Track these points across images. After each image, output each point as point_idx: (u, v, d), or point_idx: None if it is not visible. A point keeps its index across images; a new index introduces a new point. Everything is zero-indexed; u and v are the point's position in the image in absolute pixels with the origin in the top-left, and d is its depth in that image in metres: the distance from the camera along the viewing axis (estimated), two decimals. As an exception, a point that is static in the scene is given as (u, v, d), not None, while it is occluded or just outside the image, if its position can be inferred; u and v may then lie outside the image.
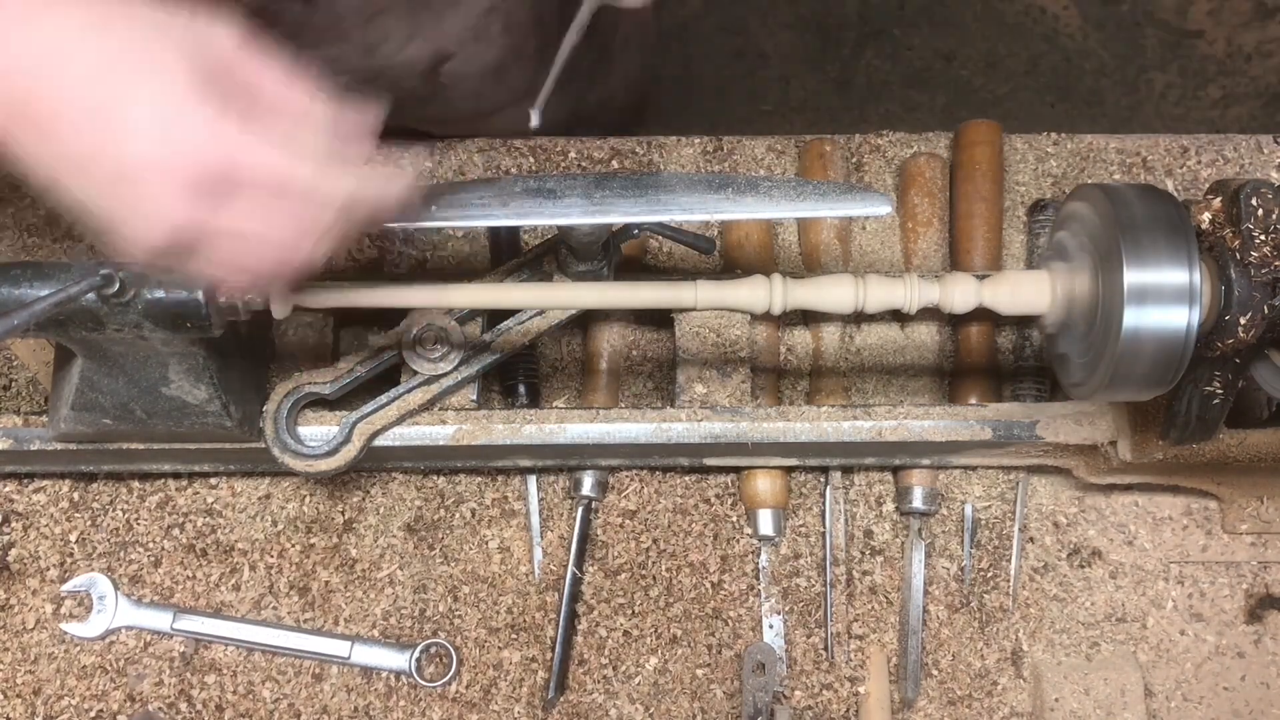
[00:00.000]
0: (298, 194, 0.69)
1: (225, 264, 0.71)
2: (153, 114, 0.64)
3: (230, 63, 0.67)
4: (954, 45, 2.54)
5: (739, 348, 1.07)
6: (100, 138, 0.65)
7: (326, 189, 0.70)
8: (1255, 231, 0.83)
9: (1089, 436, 1.03)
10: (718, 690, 1.08)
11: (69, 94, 0.64)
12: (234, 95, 0.66)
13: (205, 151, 0.66)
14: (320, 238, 0.71)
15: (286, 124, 0.68)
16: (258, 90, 0.68)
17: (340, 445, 1.01)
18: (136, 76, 0.64)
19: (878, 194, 0.93)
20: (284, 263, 0.71)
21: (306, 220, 0.70)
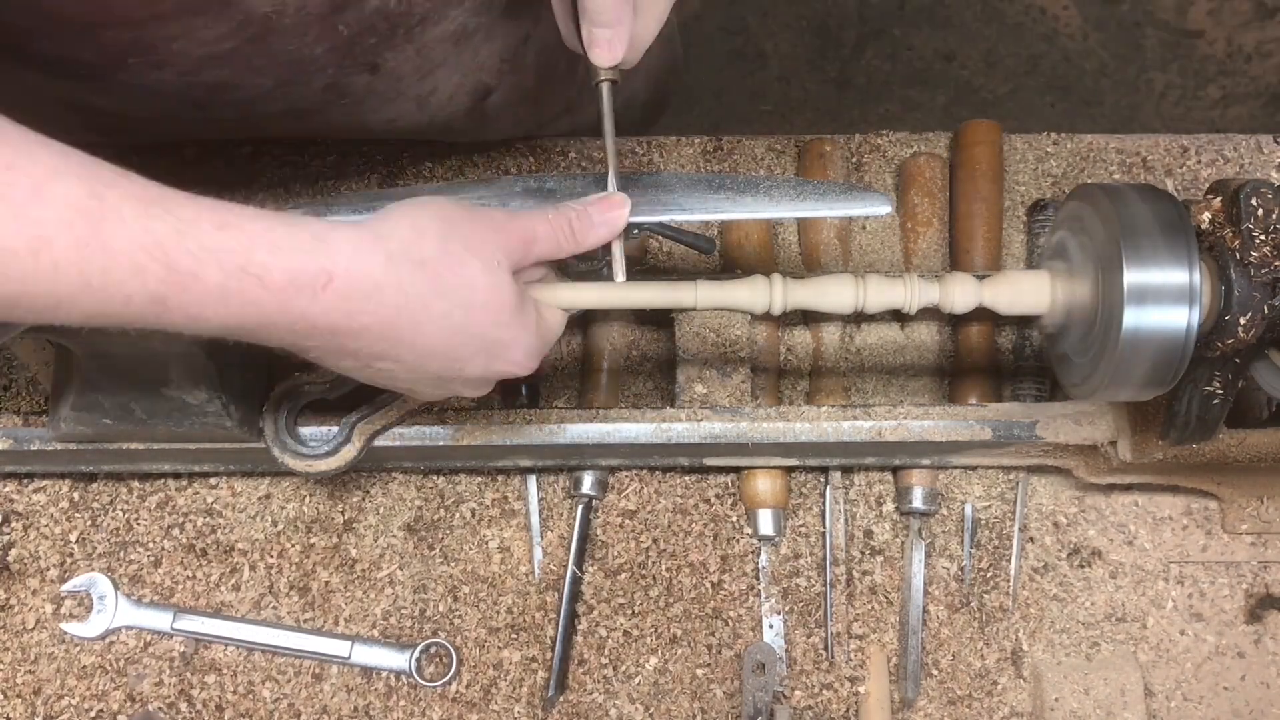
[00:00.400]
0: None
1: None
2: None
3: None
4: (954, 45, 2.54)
5: (739, 348, 1.07)
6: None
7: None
8: (1255, 231, 0.83)
9: (1089, 436, 1.03)
10: (718, 690, 1.08)
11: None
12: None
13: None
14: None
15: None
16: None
17: (340, 445, 1.00)
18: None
19: (878, 194, 0.93)
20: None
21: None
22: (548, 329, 0.85)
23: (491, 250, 0.78)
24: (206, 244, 0.68)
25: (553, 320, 0.86)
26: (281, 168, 1.20)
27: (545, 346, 0.85)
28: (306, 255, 0.70)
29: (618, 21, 0.83)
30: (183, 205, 0.69)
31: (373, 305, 0.73)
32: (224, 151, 1.20)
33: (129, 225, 0.66)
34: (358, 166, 1.20)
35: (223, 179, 1.19)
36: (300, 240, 0.71)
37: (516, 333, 0.81)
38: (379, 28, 0.90)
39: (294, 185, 1.20)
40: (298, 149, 1.19)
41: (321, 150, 1.20)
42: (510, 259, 0.80)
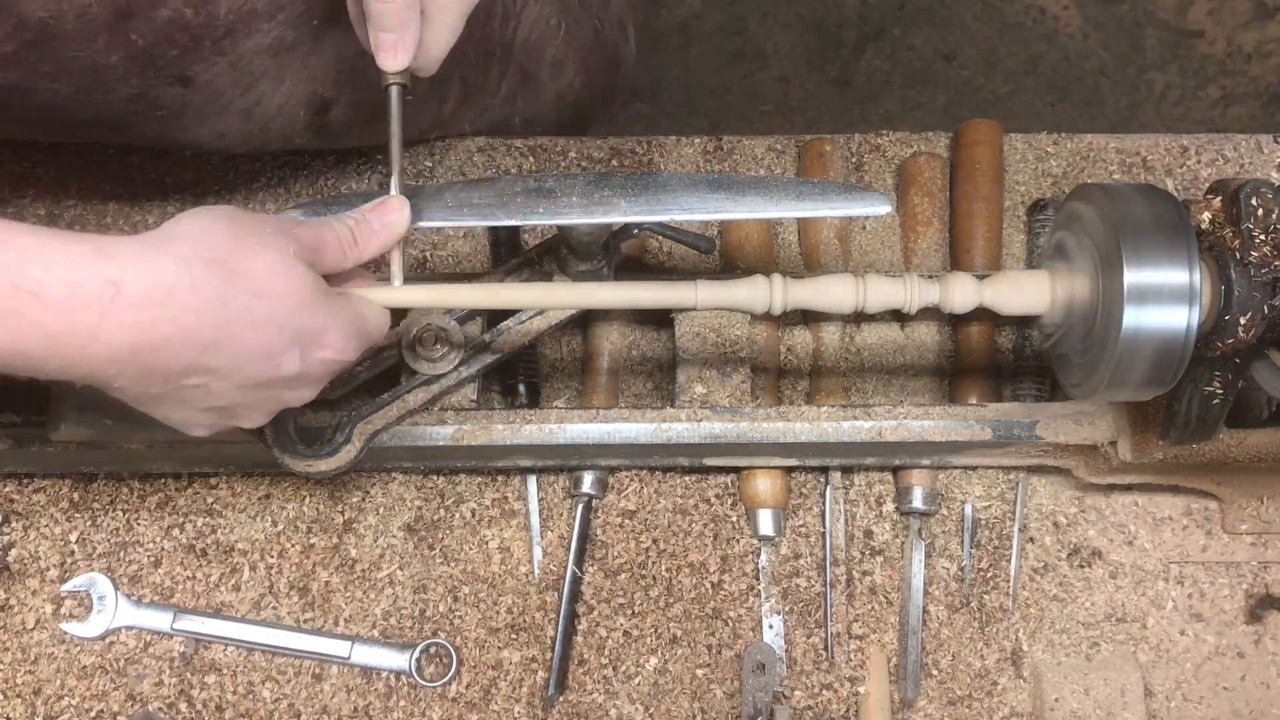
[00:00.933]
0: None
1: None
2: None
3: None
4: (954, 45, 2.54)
5: (739, 348, 1.07)
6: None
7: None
8: (1255, 231, 0.83)
9: (1089, 436, 1.03)
10: (718, 690, 1.08)
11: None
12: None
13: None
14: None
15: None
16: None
17: (340, 445, 1.00)
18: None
19: (878, 194, 0.93)
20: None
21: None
22: (365, 320, 0.84)
23: (283, 242, 0.77)
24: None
25: (372, 314, 0.85)
26: (281, 168, 1.20)
27: (365, 335, 0.84)
28: (87, 267, 0.67)
29: (401, 27, 0.82)
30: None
31: (170, 312, 0.70)
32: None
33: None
34: (357, 166, 1.20)
35: (221, 179, 1.19)
36: (79, 252, 0.68)
37: (327, 318, 0.79)
38: (178, 39, 0.89)
39: (294, 185, 1.20)
40: (298, 149, 1.19)
41: (322, 150, 1.20)
42: (302, 253, 0.78)
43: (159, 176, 1.19)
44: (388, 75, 0.85)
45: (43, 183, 1.19)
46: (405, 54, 0.83)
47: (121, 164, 1.19)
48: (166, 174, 1.19)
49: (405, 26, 0.82)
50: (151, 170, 1.19)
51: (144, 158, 1.20)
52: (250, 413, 0.83)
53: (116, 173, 1.19)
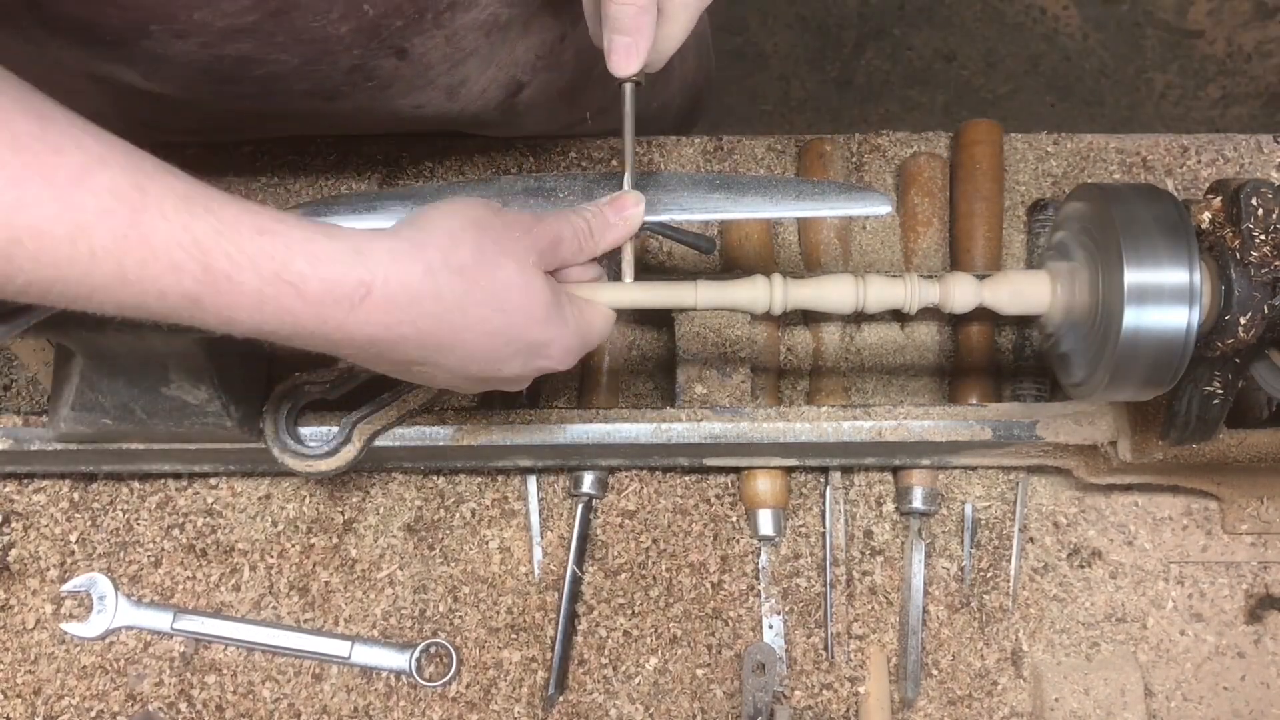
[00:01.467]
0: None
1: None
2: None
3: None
4: (954, 45, 2.54)
5: (739, 348, 1.07)
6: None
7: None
8: (1255, 231, 0.83)
9: (1089, 436, 1.03)
10: (718, 690, 1.08)
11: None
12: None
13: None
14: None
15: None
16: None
17: (340, 445, 1.00)
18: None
19: (878, 194, 0.93)
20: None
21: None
22: (589, 328, 0.86)
23: (524, 252, 0.79)
24: (245, 248, 0.67)
25: (596, 319, 0.87)
26: (281, 167, 1.20)
27: (586, 345, 0.86)
28: (345, 267, 0.71)
29: (637, 31, 0.83)
30: (225, 206, 0.68)
31: (411, 315, 0.73)
32: (223, 150, 1.20)
33: (169, 220, 0.66)
34: (357, 166, 1.20)
35: (222, 178, 1.19)
36: (339, 251, 0.71)
37: (554, 332, 0.81)
38: (405, 10, 0.90)
39: (294, 185, 1.20)
40: (297, 149, 1.20)
41: (321, 149, 1.20)
42: (541, 260, 0.81)
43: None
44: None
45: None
46: (639, 59, 0.84)
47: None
48: (166, 174, 1.19)
49: (641, 30, 0.83)
50: (151, 170, 1.19)
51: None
52: (463, 391, 0.87)
53: (116, 173, 1.19)
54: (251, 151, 1.20)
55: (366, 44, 0.92)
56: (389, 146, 1.20)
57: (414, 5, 0.90)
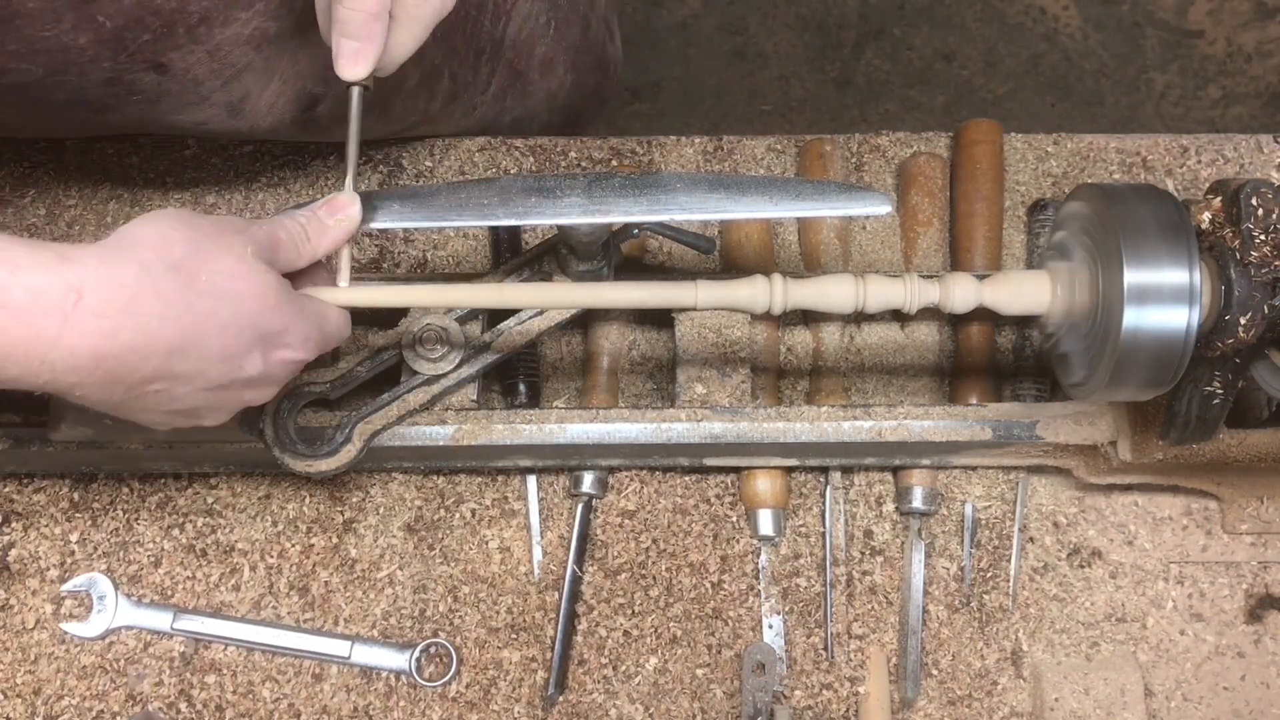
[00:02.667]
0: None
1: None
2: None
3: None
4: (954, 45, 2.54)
5: (739, 348, 1.07)
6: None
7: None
8: (1255, 231, 0.83)
9: (1089, 436, 1.03)
10: (718, 690, 1.08)
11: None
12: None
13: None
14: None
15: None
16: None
17: (340, 445, 1.00)
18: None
19: (878, 194, 0.93)
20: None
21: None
22: (326, 321, 0.84)
23: (240, 245, 0.77)
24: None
25: (333, 315, 0.86)
26: (282, 168, 1.20)
27: (326, 337, 0.84)
28: (50, 273, 0.67)
29: (366, 37, 0.82)
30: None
31: (133, 318, 0.70)
32: (223, 150, 1.20)
33: None
34: (358, 166, 1.19)
35: (222, 178, 1.19)
36: (42, 258, 0.67)
37: (287, 319, 0.79)
38: (149, 23, 0.88)
39: (294, 185, 1.20)
40: (297, 149, 1.20)
41: (321, 150, 1.20)
42: (260, 254, 0.79)
43: (159, 176, 1.19)
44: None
45: (43, 182, 1.19)
46: (366, 64, 0.84)
47: (121, 164, 1.19)
48: (167, 174, 1.20)
49: (370, 37, 0.83)
50: (151, 170, 1.20)
51: (144, 157, 1.20)
52: (213, 413, 0.83)
53: (116, 173, 1.19)
54: (252, 151, 1.20)
55: (115, 57, 0.90)
56: (389, 146, 1.20)
57: (158, 19, 0.88)
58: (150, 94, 0.96)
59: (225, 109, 1.02)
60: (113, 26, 0.87)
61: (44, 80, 0.91)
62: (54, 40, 0.86)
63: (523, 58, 1.23)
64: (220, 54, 0.95)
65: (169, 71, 0.94)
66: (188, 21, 0.90)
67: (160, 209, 0.78)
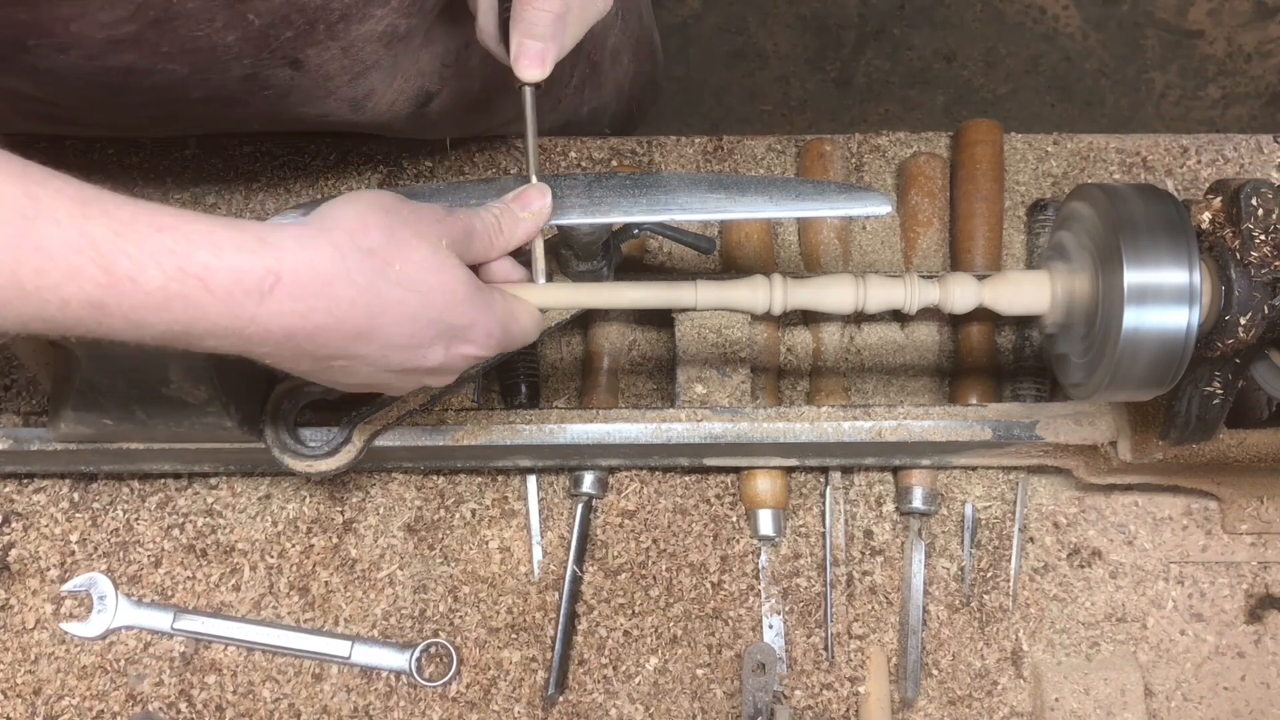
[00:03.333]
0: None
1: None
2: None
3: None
4: (954, 45, 2.54)
5: (739, 348, 1.07)
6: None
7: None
8: (1255, 231, 0.83)
9: (1089, 436, 1.03)
10: (718, 690, 1.08)
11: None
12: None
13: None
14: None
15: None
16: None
17: (340, 445, 1.00)
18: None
19: (878, 194, 0.93)
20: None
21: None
22: (513, 318, 0.85)
23: (436, 236, 0.78)
24: (145, 246, 0.66)
25: (521, 313, 0.86)
26: (281, 167, 1.20)
27: (509, 336, 0.84)
28: (250, 255, 0.69)
29: (552, 38, 0.83)
30: (120, 206, 0.67)
31: (325, 302, 0.72)
32: (223, 150, 1.20)
33: (63, 226, 0.64)
34: (358, 166, 1.20)
35: (222, 178, 1.19)
36: (243, 240, 0.69)
37: (474, 315, 0.80)
38: (294, 20, 0.89)
39: (294, 184, 1.20)
40: (297, 148, 1.20)
41: (322, 149, 1.20)
42: (454, 247, 0.79)
43: (159, 176, 1.19)
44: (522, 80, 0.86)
45: (43, 183, 1.19)
46: (548, 64, 0.84)
47: (121, 164, 1.19)
48: (167, 174, 1.20)
49: (554, 37, 0.83)
50: (151, 170, 1.20)
51: (144, 157, 1.20)
52: (390, 389, 0.85)
53: (117, 173, 1.19)
54: (252, 152, 1.20)
55: (256, 54, 0.91)
56: (389, 146, 1.20)
57: (303, 16, 0.89)
58: (281, 89, 0.97)
59: (349, 104, 1.03)
60: (260, 24, 0.88)
61: (188, 79, 0.92)
62: (204, 39, 0.87)
63: (598, 49, 1.25)
64: (353, 50, 0.96)
65: (303, 67, 0.95)
66: (329, 18, 0.91)
67: (364, 189, 0.79)
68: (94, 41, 0.84)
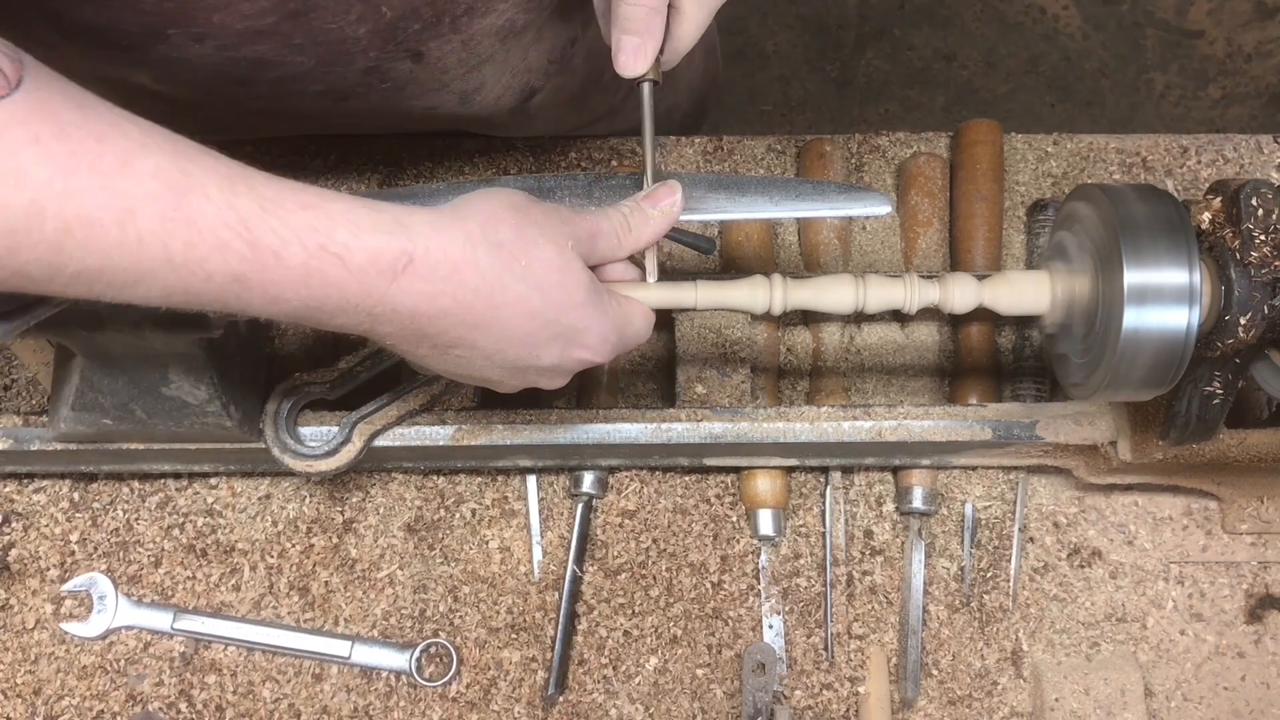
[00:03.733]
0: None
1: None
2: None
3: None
4: (954, 45, 2.54)
5: (739, 348, 1.07)
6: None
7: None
8: (1255, 231, 0.83)
9: (1089, 436, 1.03)
10: (718, 690, 1.08)
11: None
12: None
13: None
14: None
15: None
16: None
17: (340, 445, 1.00)
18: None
19: (878, 194, 0.93)
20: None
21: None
22: (628, 322, 0.85)
23: (563, 237, 0.79)
24: (289, 222, 0.68)
25: (636, 316, 0.86)
26: (282, 167, 1.18)
27: (624, 340, 0.85)
28: (388, 236, 0.71)
29: (646, 32, 0.83)
30: (266, 184, 0.69)
31: (451, 287, 0.73)
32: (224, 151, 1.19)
33: (214, 201, 0.66)
34: (358, 166, 1.20)
35: (223, 179, 1.19)
36: (381, 221, 0.71)
37: (591, 319, 0.81)
38: (423, 13, 0.90)
39: (294, 185, 1.19)
40: (297, 148, 1.20)
41: (322, 150, 1.20)
42: (579, 248, 0.80)
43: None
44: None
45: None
46: (646, 60, 0.85)
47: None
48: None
49: (650, 31, 0.84)
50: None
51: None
52: (503, 385, 0.85)
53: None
54: (252, 152, 1.20)
55: (383, 46, 0.91)
56: (389, 146, 1.20)
57: (432, 9, 0.90)
58: (399, 81, 0.98)
59: (459, 96, 1.03)
60: (392, 16, 0.89)
61: (312, 71, 0.92)
62: (336, 31, 0.88)
63: None
64: (471, 44, 0.97)
65: (423, 60, 0.96)
66: (455, 11, 0.92)
67: (498, 186, 0.80)
68: (232, 32, 0.84)
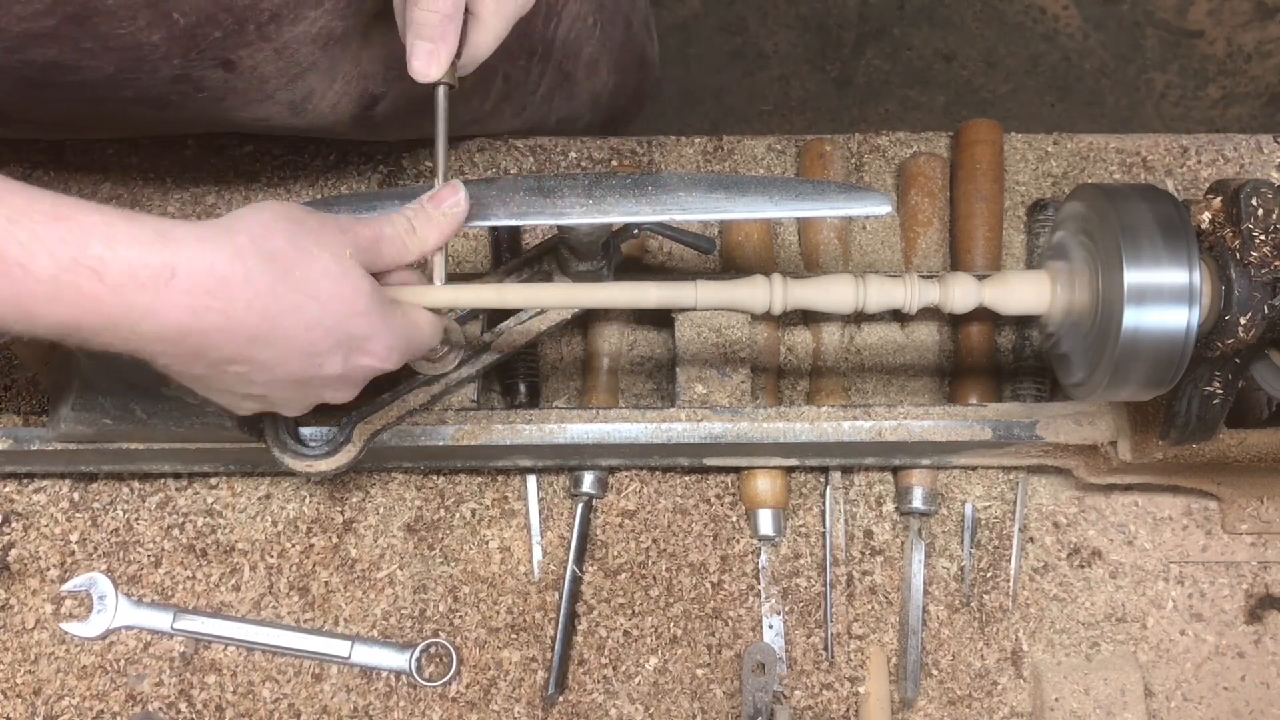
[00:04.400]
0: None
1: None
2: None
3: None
4: (954, 45, 2.54)
5: (739, 348, 1.07)
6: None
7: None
8: (1255, 231, 0.83)
9: (1089, 436, 1.03)
10: (718, 690, 1.08)
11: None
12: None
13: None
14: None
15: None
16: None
17: (340, 445, 1.00)
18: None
19: (878, 194, 0.93)
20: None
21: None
22: (415, 329, 0.84)
23: (340, 245, 0.78)
24: (38, 234, 0.66)
25: (421, 321, 0.85)
26: (282, 167, 1.20)
27: (411, 347, 0.84)
28: (147, 249, 0.69)
29: (439, 38, 0.83)
30: (14, 194, 0.67)
31: (220, 301, 0.71)
32: (223, 150, 1.20)
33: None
34: (358, 166, 1.20)
35: (222, 178, 1.19)
36: (140, 234, 0.69)
37: (375, 326, 0.79)
38: (221, 20, 0.89)
39: (294, 185, 1.20)
40: (297, 148, 1.20)
41: (322, 150, 1.20)
42: (360, 256, 0.79)
43: (159, 176, 1.19)
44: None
45: (43, 183, 1.19)
46: (440, 66, 0.84)
47: (121, 164, 1.19)
48: (167, 174, 1.20)
49: (443, 38, 0.83)
50: (151, 170, 1.20)
51: (144, 157, 1.20)
52: (288, 405, 0.84)
53: (116, 173, 1.19)
54: (252, 151, 1.20)
55: (185, 54, 0.90)
56: (389, 146, 1.20)
57: (230, 16, 0.89)
58: (216, 91, 0.96)
59: (288, 107, 1.02)
60: (186, 23, 0.87)
61: (114, 77, 0.91)
62: (128, 37, 0.87)
63: (571, 58, 1.24)
64: (287, 52, 0.95)
65: (236, 69, 0.94)
66: (259, 19, 0.91)
67: (271, 200, 0.79)
68: (11, 34, 0.83)
